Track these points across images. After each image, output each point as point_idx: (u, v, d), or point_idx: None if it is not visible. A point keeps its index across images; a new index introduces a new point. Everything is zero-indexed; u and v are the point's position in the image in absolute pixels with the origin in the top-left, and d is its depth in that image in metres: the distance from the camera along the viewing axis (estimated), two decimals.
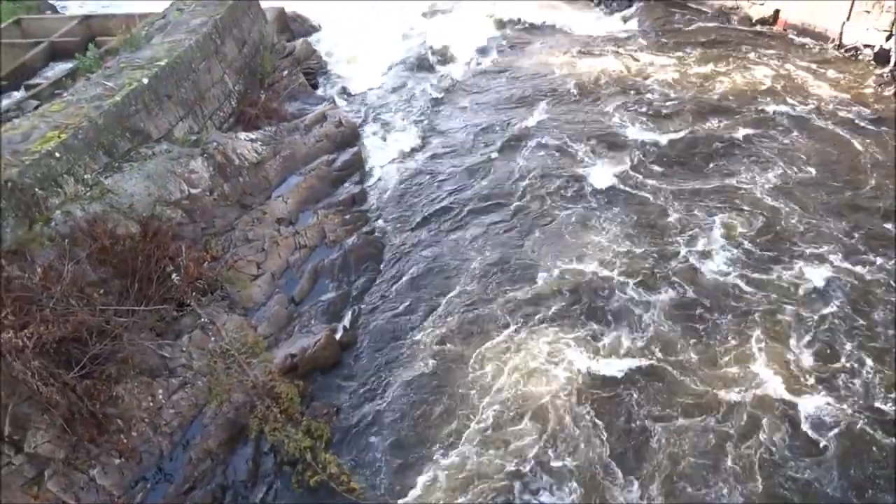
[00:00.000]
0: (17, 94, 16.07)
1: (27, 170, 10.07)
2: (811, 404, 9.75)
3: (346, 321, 11.61)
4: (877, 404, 9.70)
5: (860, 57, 19.02)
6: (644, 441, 9.33)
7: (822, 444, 9.24)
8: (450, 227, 13.69)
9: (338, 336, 11.16)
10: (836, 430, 9.39)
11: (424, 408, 10.04)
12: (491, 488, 8.88)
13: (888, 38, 18.24)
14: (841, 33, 19.63)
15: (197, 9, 17.17)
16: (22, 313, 8.57)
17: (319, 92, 19.10)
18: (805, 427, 9.45)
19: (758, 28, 21.51)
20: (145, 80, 13.03)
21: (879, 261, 12.08)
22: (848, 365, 10.26)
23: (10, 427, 8.09)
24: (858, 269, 11.97)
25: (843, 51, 19.48)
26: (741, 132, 16.15)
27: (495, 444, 9.42)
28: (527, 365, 10.46)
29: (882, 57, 18.44)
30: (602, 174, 14.89)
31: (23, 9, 23.62)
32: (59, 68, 17.13)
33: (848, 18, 19.36)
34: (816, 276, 11.91)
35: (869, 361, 10.26)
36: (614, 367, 10.39)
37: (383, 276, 12.66)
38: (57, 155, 10.60)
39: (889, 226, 12.93)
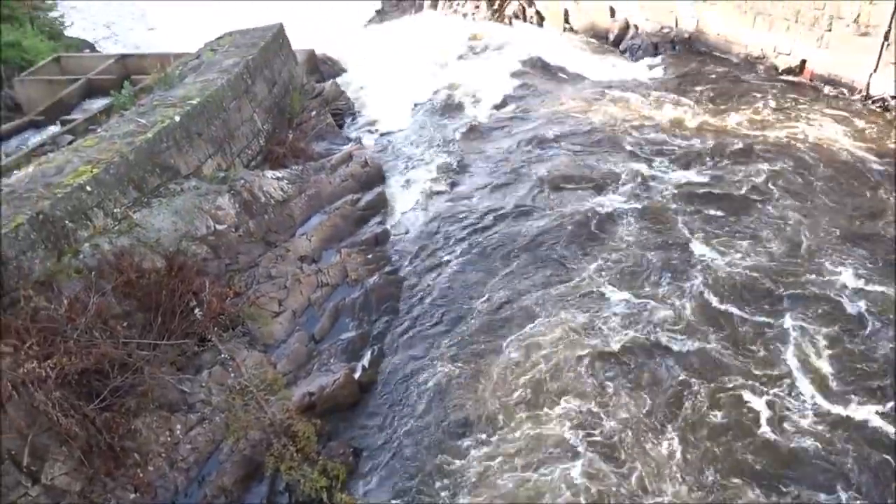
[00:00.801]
0: (54, 129, 16.51)
1: (59, 202, 10.28)
2: None
3: (366, 361, 11.58)
4: None
5: (888, 108, 18.94)
6: None
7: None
8: (470, 270, 13.67)
9: (357, 375, 11.13)
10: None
11: (443, 450, 9.93)
12: None
13: None
14: (868, 84, 19.58)
15: (230, 50, 17.61)
16: (46, 344, 8.68)
17: (346, 132, 19.39)
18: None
19: (784, 78, 21.52)
20: (177, 118, 13.32)
21: None
22: None
23: (29, 457, 8.11)
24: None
25: (870, 102, 19.41)
26: (763, 179, 16.08)
27: (516, 487, 9.27)
28: (543, 409, 10.33)
29: None
30: (624, 217, 14.89)
31: (62, 47, 24.43)
32: (94, 105, 17.58)
33: (875, 70, 19.32)
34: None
35: None
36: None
37: (404, 317, 12.65)
38: (88, 189, 10.82)
39: None
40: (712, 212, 15.03)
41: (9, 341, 8.47)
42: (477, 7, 30.57)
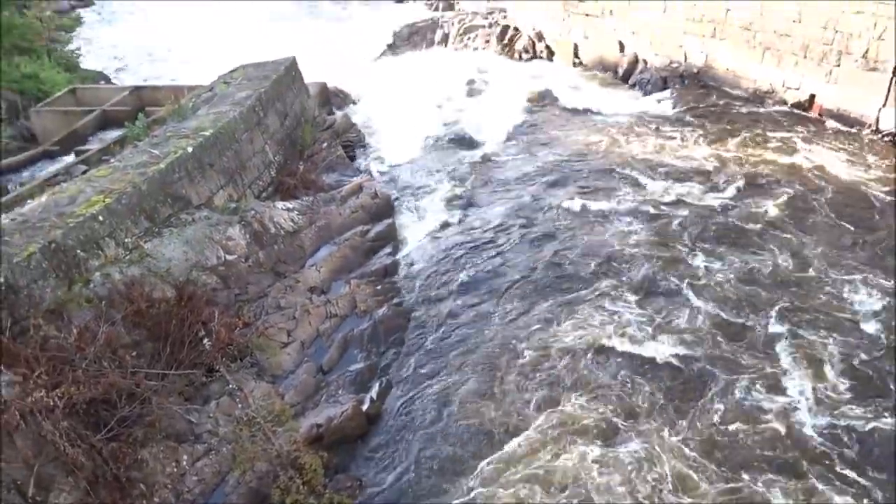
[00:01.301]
0: (68, 159, 16.69)
1: (70, 232, 10.35)
2: None
3: (374, 392, 11.49)
4: None
5: None
6: None
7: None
8: (479, 302, 13.63)
9: (364, 407, 11.04)
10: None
11: (451, 485, 9.80)
12: None
13: None
14: (878, 119, 19.62)
15: (243, 83, 17.85)
16: (55, 373, 8.67)
17: (357, 164, 19.53)
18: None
19: (793, 112, 21.61)
20: (190, 149, 13.46)
21: None
22: None
23: (34, 487, 8.05)
24: None
25: (880, 136, 19.44)
26: (772, 208, 16.19)
27: None
28: (556, 444, 10.21)
29: None
30: (635, 245, 14.91)
31: (78, 79, 24.82)
32: (108, 136, 17.79)
33: (884, 104, 19.39)
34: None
35: None
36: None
37: (412, 348, 12.59)
38: (100, 218, 10.90)
39: None
40: (722, 236, 15.25)
41: (18, 370, 8.47)
42: (487, 42, 30.95)
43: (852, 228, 15.37)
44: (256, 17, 40.88)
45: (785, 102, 22.03)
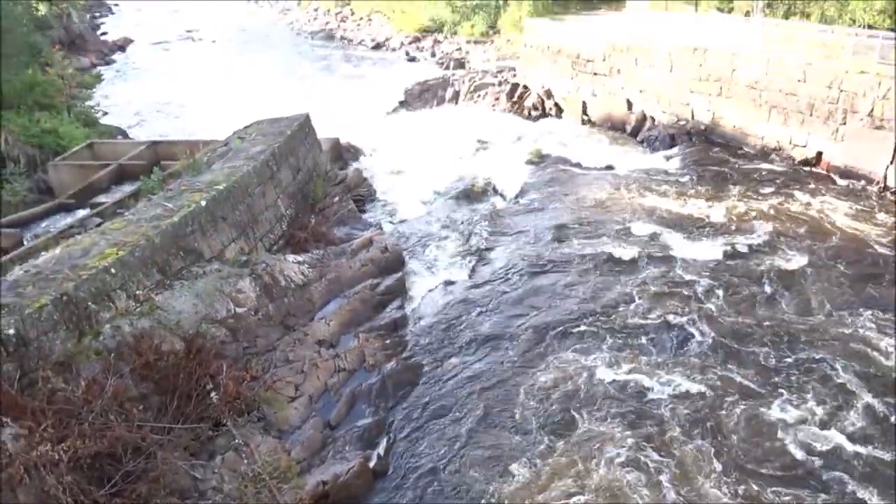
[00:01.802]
0: (83, 212, 16.91)
1: (83, 284, 10.43)
2: None
3: (381, 449, 11.35)
4: None
5: None
6: None
7: None
8: (488, 358, 13.54)
9: (372, 464, 10.88)
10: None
11: None
12: None
13: None
14: (885, 176, 19.72)
15: (257, 138, 18.18)
16: (61, 426, 8.63)
17: (367, 217, 19.69)
18: None
19: (801, 169, 21.75)
20: (203, 203, 13.63)
21: None
22: None
23: None
24: None
25: (888, 193, 19.49)
26: (781, 263, 16.22)
27: None
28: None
29: None
30: (644, 296, 14.91)
31: (96, 134, 25.35)
32: (124, 189, 18.05)
33: (892, 161, 19.50)
34: None
35: None
36: None
37: (421, 404, 12.46)
38: (112, 271, 11.00)
39: None
40: (731, 285, 15.44)
41: (24, 423, 8.45)
42: (497, 99, 31.49)
43: (858, 278, 15.43)
44: (273, 73, 41.93)
45: (792, 159, 22.19)
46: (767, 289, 15.27)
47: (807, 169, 21.71)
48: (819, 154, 21.62)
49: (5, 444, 8.17)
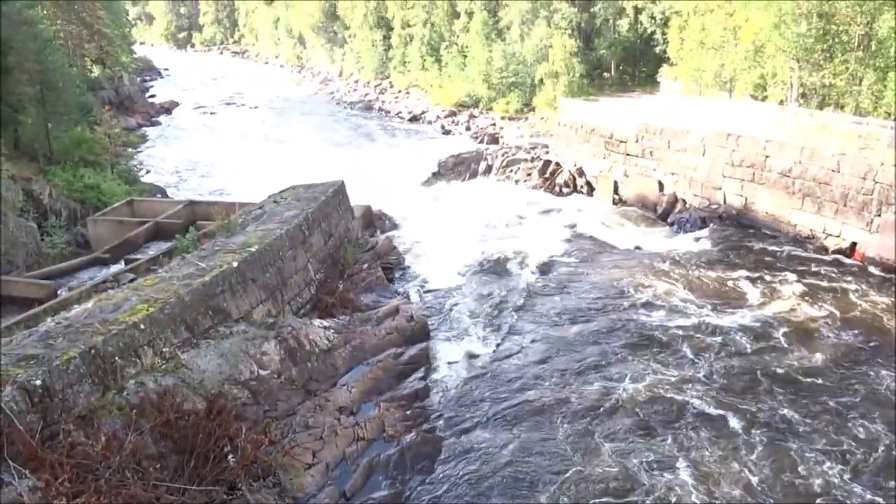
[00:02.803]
0: (117, 267, 17.24)
1: (111, 339, 10.56)
2: None
3: None
4: None
5: None
6: None
7: None
8: (509, 436, 13.27)
9: None
10: None
11: None
12: None
13: None
14: None
15: (292, 202, 18.53)
16: (78, 481, 8.60)
17: (395, 286, 19.77)
18: None
19: (834, 258, 21.48)
20: (235, 264, 13.83)
21: None
22: None
23: None
24: None
25: None
26: (812, 357, 15.79)
27: None
28: None
29: None
30: (669, 387, 14.55)
31: (137, 191, 26.08)
32: (159, 246, 18.42)
33: None
34: None
35: None
36: None
37: (439, 479, 12.20)
38: (141, 327, 11.13)
39: None
40: (758, 368, 14.90)
41: (42, 475, 8.43)
42: (529, 175, 31.86)
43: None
44: (311, 140, 43.10)
45: (825, 249, 21.94)
46: (799, 379, 14.85)
47: (840, 258, 21.44)
48: (853, 244, 21.38)
49: (22, 497, 8.14)
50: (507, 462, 12.46)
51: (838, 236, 21.76)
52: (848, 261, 21.28)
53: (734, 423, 13.42)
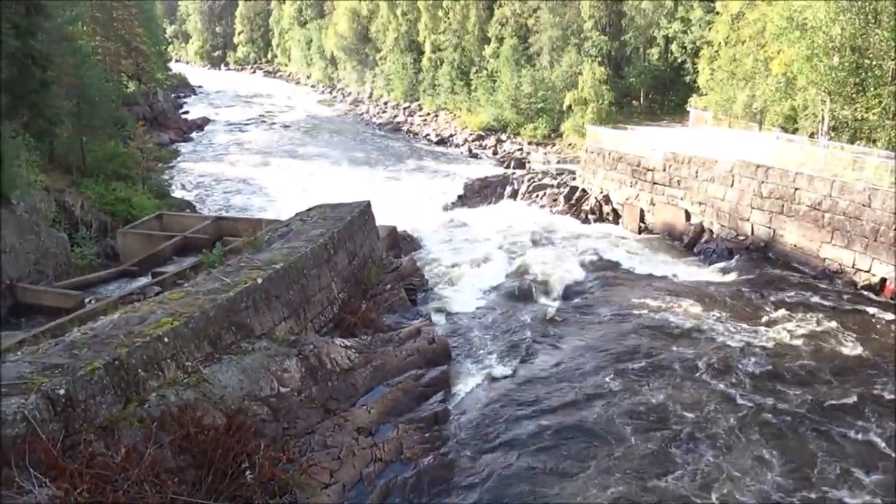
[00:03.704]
0: (144, 280, 17.47)
1: (135, 351, 10.66)
2: None
3: None
4: None
5: None
6: None
7: None
8: (527, 460, 13.14)
9: None
10: None
11: None
12: None
13: None
14: None
15: (318, 221, 18.68)
16: (96, 491, 8.65)
17: (418, 308, 19.76)
18: None
19: (862, 294, 21.09)
20: (259, 280, 13.94)
21: None
22: None
23: None
24: None
25: None
26: (841, 396, 15.40)
27: None
28: None
29: None
30: (684, 418, 14.34)
31: (166, 206, 26.47)
32: (186, 261, 18.65)
33: None
34: None
35: None
36: None
37: (455, 503, 12.10)
38: (165, 340, 11.23)
39: None
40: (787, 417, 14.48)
41: (62, 484, 8.49)
42: (555, 200, 31.83)
43: None
44: (339, 160, 43.53)
45: (854, 284, 21.58)
46: (824, 420, 14.53)
47: (869, 294, 21.06)
48: (883, 280, 21.01)
49: None
50: (525, 490, 12.31)
51: (868, 271, 21.40)
52: (878, 297, 20.90)
53: (758, 457, 13.15)
